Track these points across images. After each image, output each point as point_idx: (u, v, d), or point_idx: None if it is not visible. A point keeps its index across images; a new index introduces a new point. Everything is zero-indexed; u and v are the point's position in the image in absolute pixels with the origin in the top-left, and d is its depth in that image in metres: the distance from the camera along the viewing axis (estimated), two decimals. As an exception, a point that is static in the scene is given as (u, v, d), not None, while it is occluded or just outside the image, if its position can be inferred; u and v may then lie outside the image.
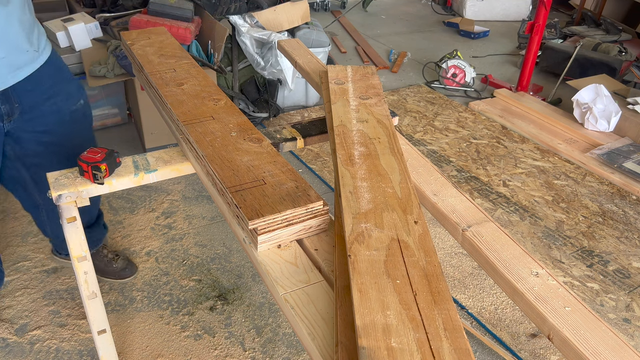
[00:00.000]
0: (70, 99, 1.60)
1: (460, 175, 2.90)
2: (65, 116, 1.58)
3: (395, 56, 4.64)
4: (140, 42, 1.80)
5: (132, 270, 2.14)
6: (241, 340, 1.87)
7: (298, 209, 1.04)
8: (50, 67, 1.52)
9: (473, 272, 2.22)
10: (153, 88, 1.56)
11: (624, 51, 4.15)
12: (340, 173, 1.12)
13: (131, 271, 2.14)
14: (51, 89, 1.53)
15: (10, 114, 1.45)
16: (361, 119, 1.36)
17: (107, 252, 2.13)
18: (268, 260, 1.02)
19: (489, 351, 1.86)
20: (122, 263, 2.12)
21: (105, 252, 2.12)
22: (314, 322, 0.89)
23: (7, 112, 1.44)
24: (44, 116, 1.52)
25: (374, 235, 0.95)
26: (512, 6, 5.83)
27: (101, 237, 2.06)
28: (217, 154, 1.20)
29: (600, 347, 0.87)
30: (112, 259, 2.11)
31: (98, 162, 1.26)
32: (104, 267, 2.09)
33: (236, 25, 3.14)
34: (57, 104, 1.55)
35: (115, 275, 2.11)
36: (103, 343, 1.58)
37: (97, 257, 2.09)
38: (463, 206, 1.21)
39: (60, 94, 1.56)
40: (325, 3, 5.83)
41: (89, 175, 1.27)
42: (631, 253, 2.37)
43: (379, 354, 0.72)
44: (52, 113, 1.54)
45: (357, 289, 0.83)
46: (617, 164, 2.94)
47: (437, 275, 0.87)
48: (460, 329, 0.77)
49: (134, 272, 2.15)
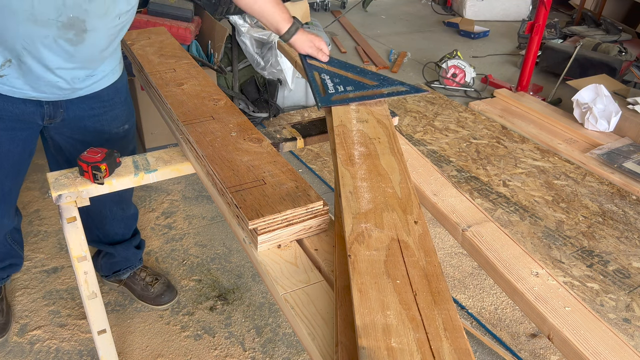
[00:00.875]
0: (116, 121, 1.57)
1: (460, 175, 2.90)
2: (105, 134, 1.56)
3: (395, 56, 4.64)
4: (140, 42, 1.80)
5: (170, 296, 1.97)
6: (241, 340, 1.87)
7: (298, 209, 1.04)
8: (110, 89, 1.50)
9: (473, 272, 2.22)
10: (153, 88, 1.56)
11: (624, 51, 4.15)
12: (340, 173, 1.12)
13: (170, 297, 1.97)
14: (101, 108, 1.50)
15: (52, 117, 1.44)
16: (361, 119, 1.36)
17: (146, 275, 1.99)
18: (268, 260, 1.02)
19: (489, 351, 1.86)
20: (159, 288, 1.97)
21: (143, 275, 1.99)
22: (314, 322, 0.89)
23: (50, 115, 1.43)
24: (85, 129, 1.51)
25: (374, 235, 0.95)
26: (512, 6, 5.83)
27: (133, 259, 1.95)
28: (217, 154, 1.20)
29: (600, 347, 0.87)
30: (150, 283, 1.97)
31: (98, 162, 1.26)
32: (140, 292, 1.97)
33: (236, 25, 3.14)
34: (101, 122, 1.53)
35: (150, 301, 1.96)
36: (103, 343, 1.57)
37: (133, 280, 1.98)
38: (463, 206, 1.21)
39: (108, 114, 1.53)
40: (325, 3, 5.83)
41: (89, 175, 1.27)
42: (631, 253, 2.37)
43: (379, 354, 0.72)
44: (94, 130, 1.52)
45: (357, 289, 0.83)
46: (617, 164, 2.94)
47: (437, 275, 0.87)
48: (460, 329, 0.77)
49: (173, 297, 1.98)
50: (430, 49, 4.86)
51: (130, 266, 1.97)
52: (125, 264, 1.96)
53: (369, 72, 1.54)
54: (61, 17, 1.18)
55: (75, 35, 1.24)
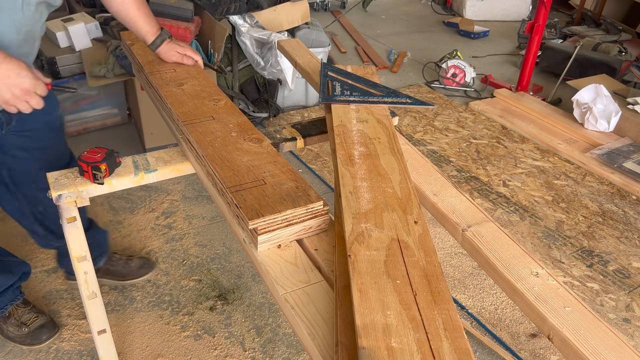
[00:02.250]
0: (54, 105, 1.58)
1: (460, 175, 2.90)
2: (56, 122, 1.59)
3: (395, 56, 4.64)
4: (140, 42, 1.80)
5: (150, 266, 2.12)
6: (241, 340, 1.87)
7: (298, 209, 1.04)
8: None
9: (473, 272, 2.22)
10: (153, 88, 1.56)
11: (624, 51, 4.15)
12: (340, 173, 1.12)
13: (150, 267, 2.12)
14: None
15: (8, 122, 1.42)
16: (361, 119, 1.36)
17: (120, 255, 2.11)
18: (268, 260, 1.02)
19: (489, 351, 1.86)
20: (137, 262, 2.11)
21: (117, 256, 2.10)
22: (314, 322, 0.89)
23: (7, 121, 1.41)
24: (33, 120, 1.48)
25: (374, 235, 0.95)
26: (512, 6, 5.83)
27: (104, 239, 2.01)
28: (218, 154, 1.20)
29: (600, 347, 0.87)
30: (127, 260, 2.10)
31: (98, 162, 1.26)
32: (121, 270, 2.07)
33: (236, 25, 3.14)
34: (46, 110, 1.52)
35: (134, 275, 2.08)
36: (103, 343, 1.58)
37: (112, 262, 2.07)
38: (463, 206, 1.21)
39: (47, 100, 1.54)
40: (325, 3, 5.83)
41: (89, 175, 1.27)
42: (631, 253, 2.37)
43: (379, 354, 0.72)
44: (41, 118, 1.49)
45: (357, 289, 0.83)
46: (617, 164, 2.94)
47: (437, 275, 0.87)
48: (460, 329, 0.77)
49: (152, 267, 2.13)
50: (430, 49, 4.86)
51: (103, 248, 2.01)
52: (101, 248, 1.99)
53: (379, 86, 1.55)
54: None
55: None
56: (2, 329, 1.84)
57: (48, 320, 1.86)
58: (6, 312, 1.82)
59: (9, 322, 1.82)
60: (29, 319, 1.83)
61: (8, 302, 1.78)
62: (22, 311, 1.84)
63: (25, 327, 1.81)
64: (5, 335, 1.83)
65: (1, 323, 1.83)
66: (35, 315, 1.85)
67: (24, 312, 1.84)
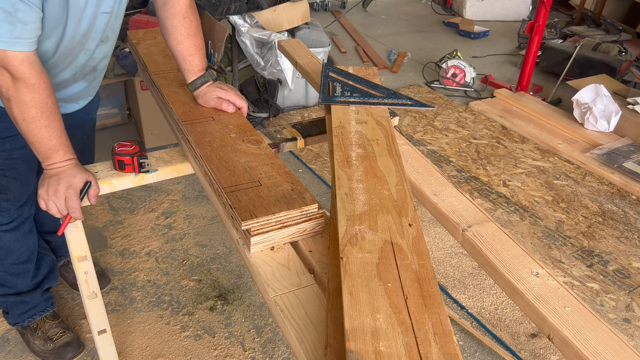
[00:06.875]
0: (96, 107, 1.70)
1: (460, 175, 2.90)
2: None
3: (395, 56, 4.64)
4: (146, 42, 1.80)
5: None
6: (241, 340, 1.87)
7: (292, 212, 1.03)
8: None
9: (473, 272, 2.22)
10: (156, 87, 1.56)
11: (624, 51, 4.15)
12: (337, 174, 1.11)
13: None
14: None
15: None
16: (360, 120, 1.35)
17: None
18: (260, 262, 1.02)
19: (489, 351, 1.86)
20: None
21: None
22: (303, 326, 0.88)
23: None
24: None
25: (367, 238, 0.94)
26: (512, 6, 5.83)
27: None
28: (215, 155, 1.20)
29: (600, 347, 0.87)
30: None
31: (138, 152, 1.29)
32: (72, 280, 2.01)
33: (236, 25, 3.14)
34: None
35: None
36: (103, 343, 1.57)
37: (67, 269, 2.02)
38: (463, 206, 1.20)
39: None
40: (325, 3, 5.83)
41: (134, 167, 1.29)
42: (631, 253, 2.37)
43: (366, 357, 0.71)
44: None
45: (347, 292, 0.82)
46: (617, 164, 2.94)
47: (429, 278, 0.86)
48: (450, 334, 0.76)
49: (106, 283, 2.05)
50: (430, 49, 4.86)
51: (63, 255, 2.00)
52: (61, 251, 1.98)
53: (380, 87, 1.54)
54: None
55: None
56: (28, 341, 1.75)
57: (74, 338, 1.77)
58: (34, 324, 1.73)
59: (36, 335, 1.73)
60: (55, 334, 1.74)
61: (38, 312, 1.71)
62: (49, 324, 1.74)
63: (50, 343, 1.72)
64: (30, 347, 1.75)
65: (28, 334, 1.75)
66: (62, 331, 1.75)
67: (52, 325, 1.74)
